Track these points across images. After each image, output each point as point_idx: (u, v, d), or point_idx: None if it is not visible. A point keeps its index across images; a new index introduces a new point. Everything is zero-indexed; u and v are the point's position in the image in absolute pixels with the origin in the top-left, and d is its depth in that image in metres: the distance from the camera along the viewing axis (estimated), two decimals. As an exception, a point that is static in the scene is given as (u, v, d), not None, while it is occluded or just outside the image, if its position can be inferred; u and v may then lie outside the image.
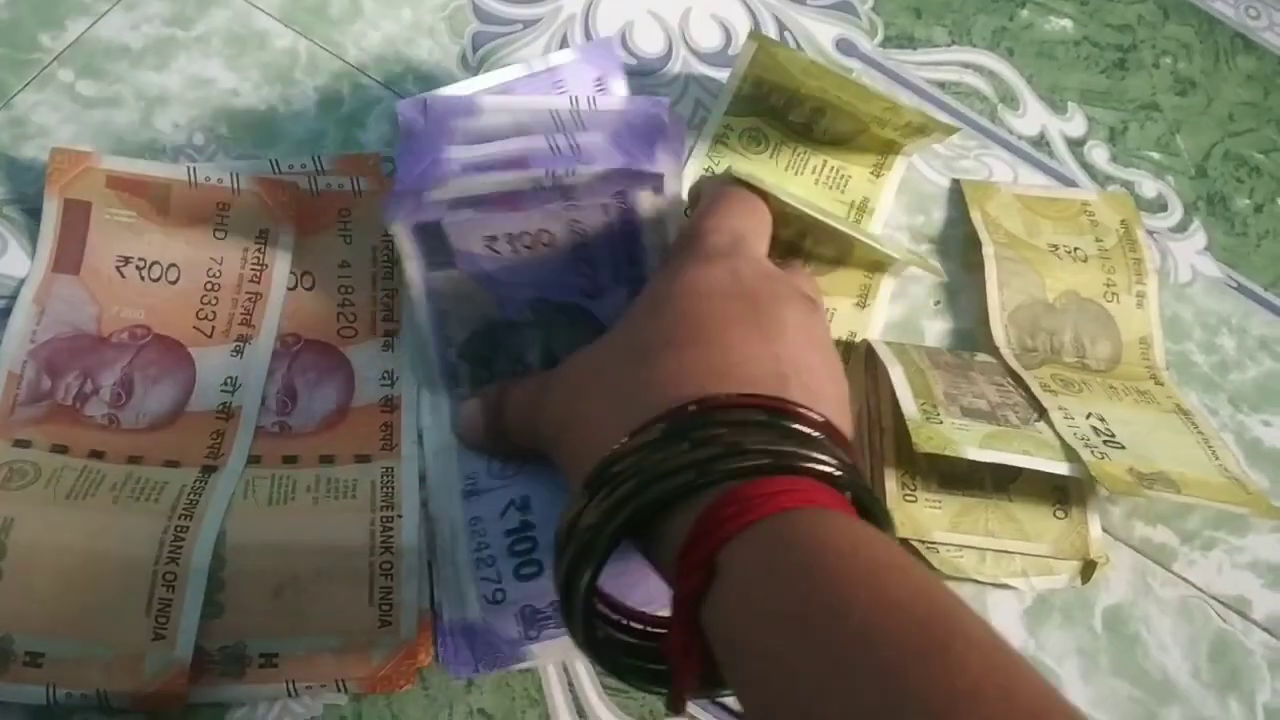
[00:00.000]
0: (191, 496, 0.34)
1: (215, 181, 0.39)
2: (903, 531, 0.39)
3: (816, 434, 0.27)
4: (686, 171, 0.44)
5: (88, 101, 0.42)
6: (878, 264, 0.43)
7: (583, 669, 0.36)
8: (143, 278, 0.38)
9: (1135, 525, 0.42)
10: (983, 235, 0.45)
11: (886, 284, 0.44)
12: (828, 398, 0.29)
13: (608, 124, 0.37)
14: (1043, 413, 0.39)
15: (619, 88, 0.42)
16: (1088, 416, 0.40)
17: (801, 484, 0.25)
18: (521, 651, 0.34)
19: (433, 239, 0.36)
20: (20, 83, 0.42)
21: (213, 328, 0.38)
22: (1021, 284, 0.45)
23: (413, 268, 0.37)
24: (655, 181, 0.36)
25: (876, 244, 0.41)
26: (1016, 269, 0.45)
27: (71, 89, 0.42)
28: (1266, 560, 0.42)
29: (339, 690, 0.34)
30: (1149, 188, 0.49)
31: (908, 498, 0.39)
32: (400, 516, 0.35)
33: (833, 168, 0.45)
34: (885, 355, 0.40)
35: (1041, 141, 0.49)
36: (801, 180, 0.45)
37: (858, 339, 0.43)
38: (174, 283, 0.38)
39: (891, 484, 0.40)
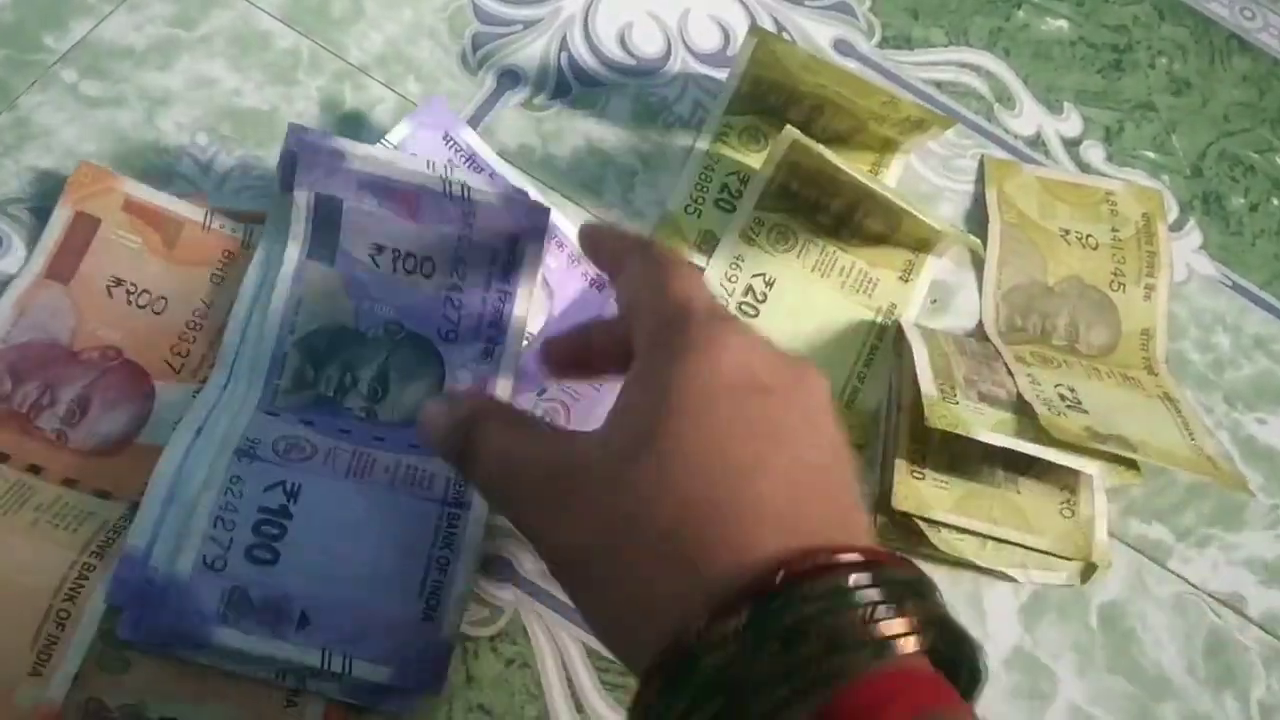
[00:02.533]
0: (110, 535, 0.34)
1: (229, 231, 0.40)
2: (905, 505, 0.39)
3: (903, 582, 0.24)
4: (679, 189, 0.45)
5: (92, 102, 0.42)
6: (924, 242, 0.44)
7: (580, 665, 0.37)
8: (129, 302, 0.38)
9: (1131, 523, 0.42)
10: (992, 213, 0.46)
11: (931, 262, 0.45)
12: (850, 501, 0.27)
13: (498, 199, 0.38)
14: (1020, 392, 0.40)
15: (469, 137, 0.43)
16: (1056, 385, 0.41)
17: (904, 676, 0.23)
18: (207, 631, 0.32)
19: (326, 225, 0.37)
20: (25, 84, 0.42)
21: (183, 364, 0.38)
22: (1022, 264, 0.45)
23: (294, 249, 0.37)
24: (543, 244, 0.38)
25: (925, 217, 0.41)
26: (1020, 249, 0.46)
27: (75, 89, 0.42)
28: (1261, 557, 0.42)
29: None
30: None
31: (915, 474, 0.40)
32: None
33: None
34: (913, 336, 0.41)
35: (1038, 141, 0.50)
36: (799, 180, 0.45)
37: (897, 310, 0.44)
38: (159, 314, 0.38)
39: (902, 460, 0.40)
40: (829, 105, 0.44)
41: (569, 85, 0.46)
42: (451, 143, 0.42)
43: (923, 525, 0.39)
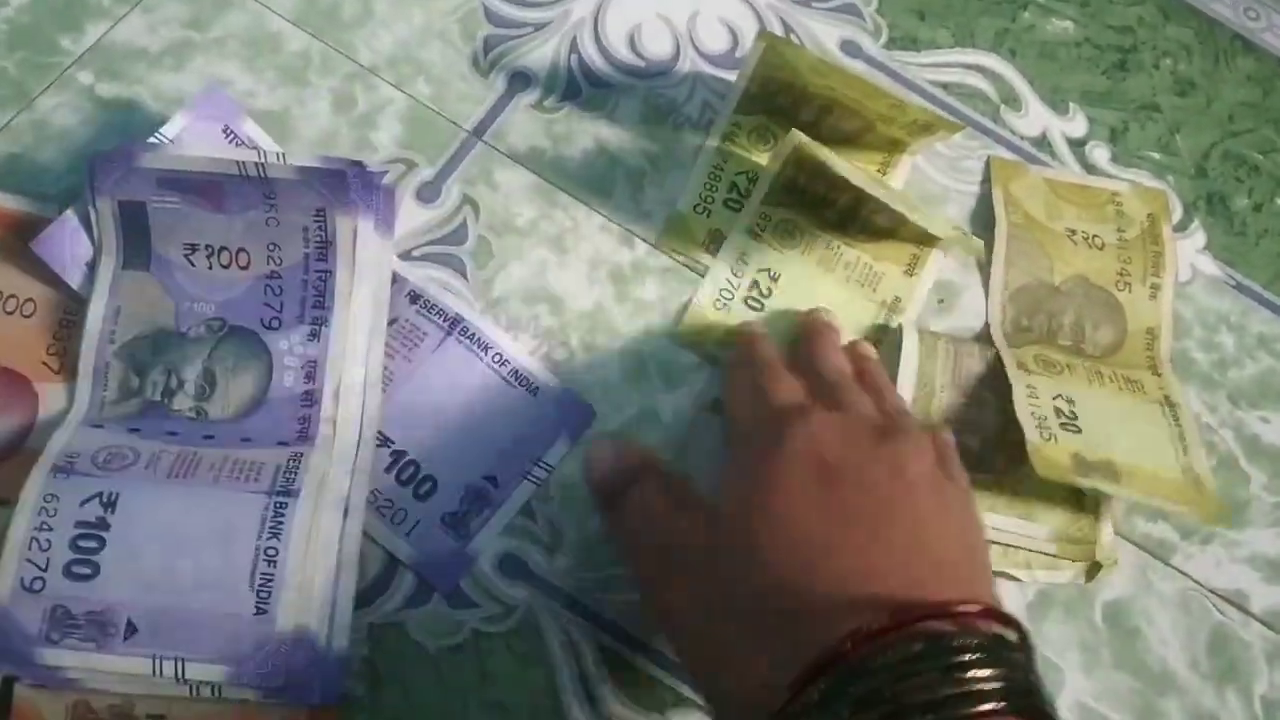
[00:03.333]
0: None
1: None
2: None
3: (977, 649, 0.26)
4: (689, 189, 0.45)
5: (106, 103, 0.42)
6: (929, 236, 0.45)
7: (593, 663, 0.37)
8: None
9: (1136, 521, 0.42)
10: (999, 214, 0.47)
11: (935, 256, 0.45)
12: (966, 572, 0.30)
13: (293, 171, 0.37)
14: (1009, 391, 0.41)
15: (251, 130, 0.41)
16: (1054, 397, 0.41)
17: None
18: (35, 652, 0.32)
19: (136, 230, 0.37)
20: (41, 85, 0.42)
21: (61, 364, 0.38)
22: (1029, 264, 0.46)
23: (107, 260, 0.37)
24: (354, 209, 0.37)
25: (928, 223, 0.42)
26: (1026, 249, 0.46)
27: (91, 91, 0.43)
28: (1264, 554, 0.43)
29: None
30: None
31: None
32: None
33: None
34: (906, 368, 0.42)
35: (1043, 142, 0.50)
36: (808, 181, 0.46)
37: (901, 304, 0.44)
38: (28, 316, 0.38)
39: None
40: (837, 106, 0.45)
41: (579, 87, 0.47)
42: (232, 135, 0.41)
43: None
